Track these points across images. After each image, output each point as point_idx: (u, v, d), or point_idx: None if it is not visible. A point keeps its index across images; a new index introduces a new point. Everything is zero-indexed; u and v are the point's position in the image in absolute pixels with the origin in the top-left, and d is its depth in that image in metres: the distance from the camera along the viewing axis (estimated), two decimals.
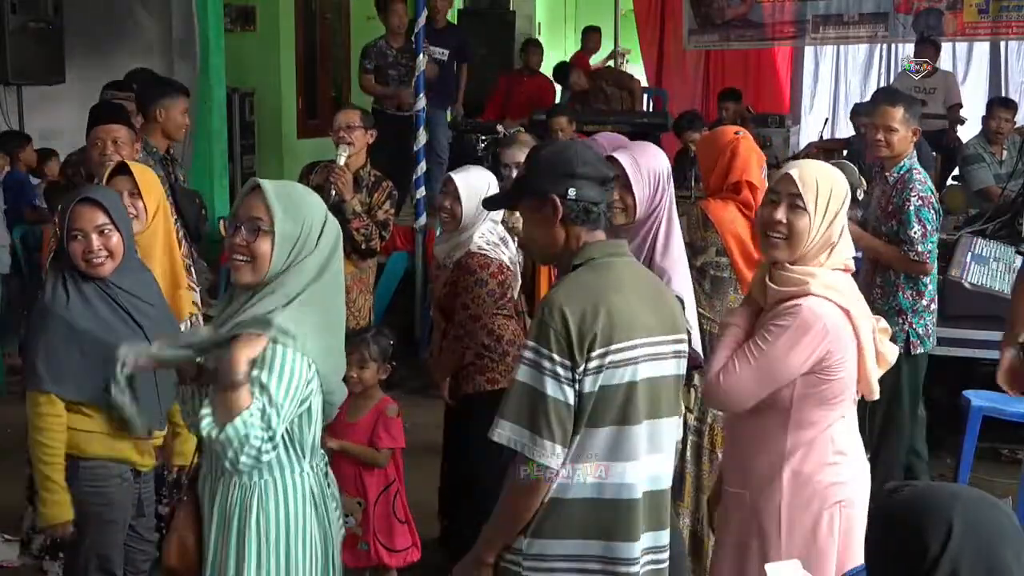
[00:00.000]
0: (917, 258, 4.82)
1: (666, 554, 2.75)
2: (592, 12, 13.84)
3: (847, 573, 2.24)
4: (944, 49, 10.66)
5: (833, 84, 13.63)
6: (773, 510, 2.90)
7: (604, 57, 12.39)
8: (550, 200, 2.63)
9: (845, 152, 8.69)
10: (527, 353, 2.56)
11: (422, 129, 7.70)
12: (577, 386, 2.53)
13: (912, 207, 4.78)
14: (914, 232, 4.79)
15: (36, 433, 3.33)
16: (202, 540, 2.78)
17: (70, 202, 3.42)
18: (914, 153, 4.95)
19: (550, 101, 10.15)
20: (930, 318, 4.98)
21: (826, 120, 11.67)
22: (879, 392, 3.05)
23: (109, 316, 3.35)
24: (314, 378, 2.68)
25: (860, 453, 3.02)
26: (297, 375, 2.62)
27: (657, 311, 2.67)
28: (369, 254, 5.36)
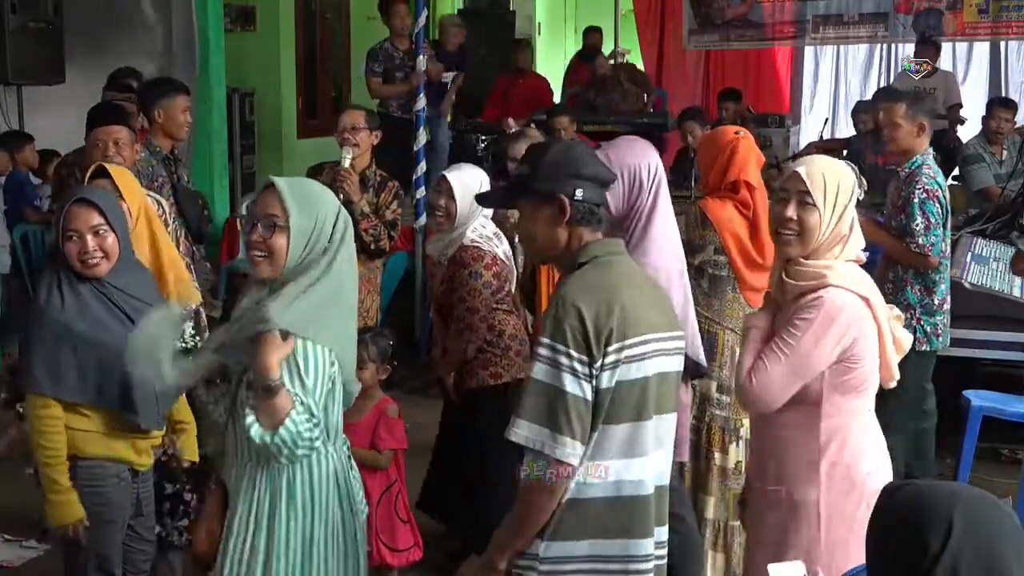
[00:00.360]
0: (918, 250, 4.82)
1: (666, 550, 2.76)
2: (592, 12, 13.83)
3: (848, 573, 2.23)
4: (944, 49, 10.66)
5: (833, 84, 13.64)
6: (812, 503, 2.90)
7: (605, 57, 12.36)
8: (558, 200, 2.63)
9: (845, 152, 8.70)
10: (542, 351, 2.54)
11: (422, 129, 7.71)
12: (594, 382, 2.52)
13: (916, 199, 4.81)
14: (916, 224, 4.80)
15: (37, 436, 3.33)
16: (223, 526, 2.87)
17: (65, 203, 3.41)
18: (929, 150, 4.96)
19: (548, 101, 10.14)
20: (941, 318, 4.98)
21: (826, 120, 11.68)
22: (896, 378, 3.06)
23: (105, 316, 3.34)
24: (335, 363, 2.77)
25: (884, 442, 3.03)
26: (322, 363, 2.72)
27: (659, 307, 2.68)
28: (378, 254, 5.38)
